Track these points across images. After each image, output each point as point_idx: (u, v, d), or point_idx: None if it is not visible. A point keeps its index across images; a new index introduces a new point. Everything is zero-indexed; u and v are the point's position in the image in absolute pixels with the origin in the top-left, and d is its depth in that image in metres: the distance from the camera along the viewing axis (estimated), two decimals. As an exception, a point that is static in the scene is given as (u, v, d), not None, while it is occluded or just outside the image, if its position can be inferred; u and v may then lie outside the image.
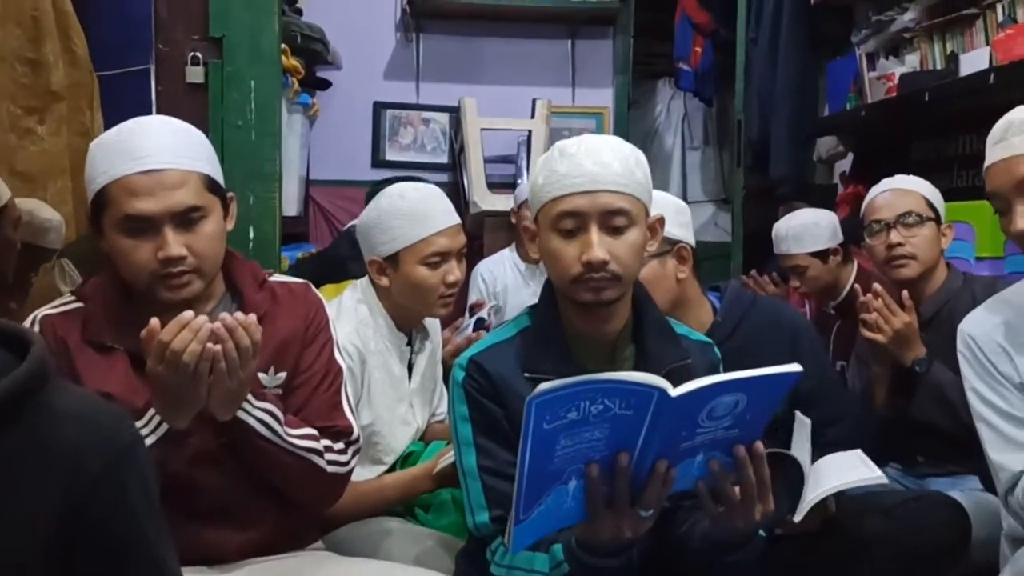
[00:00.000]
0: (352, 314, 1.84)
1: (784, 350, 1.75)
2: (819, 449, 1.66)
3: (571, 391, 1.03)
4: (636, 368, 1.39)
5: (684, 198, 5.27)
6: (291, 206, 3.58)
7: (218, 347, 1.25)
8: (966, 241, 2.78)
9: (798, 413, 1.38)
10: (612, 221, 1.31)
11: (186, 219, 1.35)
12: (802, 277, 2.74)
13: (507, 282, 3.61)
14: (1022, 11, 2.60)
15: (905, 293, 2.04)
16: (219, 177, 1.42)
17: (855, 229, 3.33)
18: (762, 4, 3.36)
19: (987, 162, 1.46)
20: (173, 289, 1.37)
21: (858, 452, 1.70)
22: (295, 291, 1.55)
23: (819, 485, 1.54)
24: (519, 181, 4.29)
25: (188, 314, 1.25)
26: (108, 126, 1.84)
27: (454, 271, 1.85)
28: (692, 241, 1.85)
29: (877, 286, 2.04)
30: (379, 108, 4.39)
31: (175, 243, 1.34)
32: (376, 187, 2.58)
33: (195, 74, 1.69)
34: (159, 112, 1.70)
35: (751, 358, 1.72)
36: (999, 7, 2.69)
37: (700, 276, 1.90)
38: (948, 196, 3.22)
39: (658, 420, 1.08)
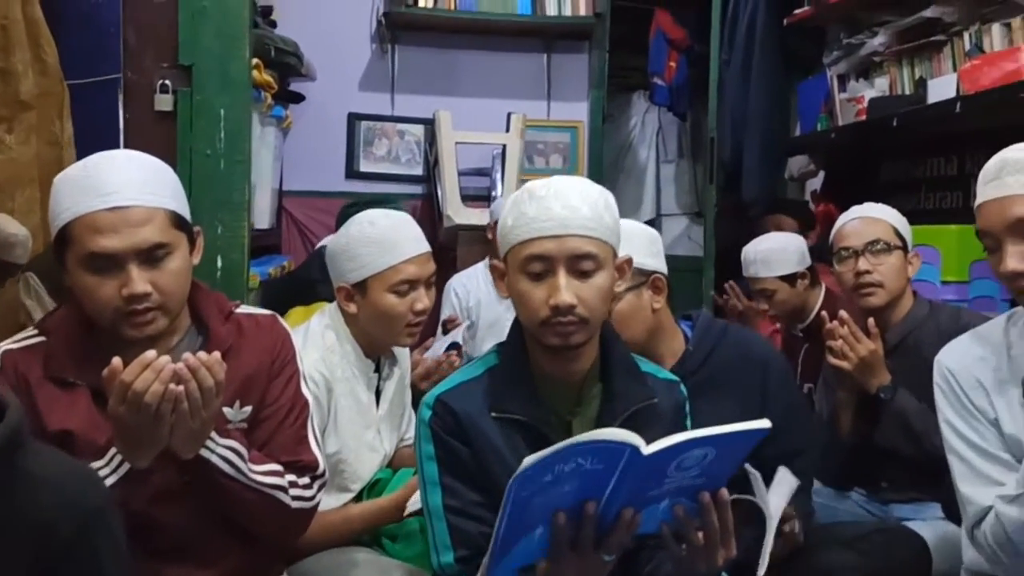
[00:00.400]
0: (319, 341, 1.84)
1: (754, 382, 1.78)
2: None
3: (548, 459, 1.04)
4: (602, 408, 1.40)
5: (658, 211, 5.32)
6: (263, 219, 3.55)
7: (181, 388, 1.24)
8: (932, 265, 2.81)
9: (783, 469, 1.39)
10: (580, 265, 1.32)
11: (151, 256, 1.34)
12: (770, 300, 2.76)
13: (480, 296, 3.60)
14: (988, 40, 2.64)
15: (871, 321, 2.06)
16: (186, 212, 1.41)
17: (827, 249, 3.38)
18: (735, 25, 3.39)
19: (979, 200, 1.46)
20: (137, 326, 1.36)
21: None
22: (262, 323, 1.54)
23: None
24: (494, 194, 4.30)
25: (150, 354, 1.24)
26: (78, 135, 1.83)
27: (422, 299, 1.85)
28: (664, 269, 1.86)
29: (843, 313, 2.06)
30: (354, 119, 4.37)
31: (140, 280, 1.33)
32: (347, 209, 2.58)
33: (164, 102, 1.67)
34: (126, 140, 1.69)
35: (721, 389, 1.75)
36: (966, 35, 2.73)
37: (672, 297, 1.90)
38: (915, 217, 3.27)
39: (627, 473, 1.09)
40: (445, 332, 3.51)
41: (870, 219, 2.21)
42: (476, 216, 4.01)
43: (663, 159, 5.36)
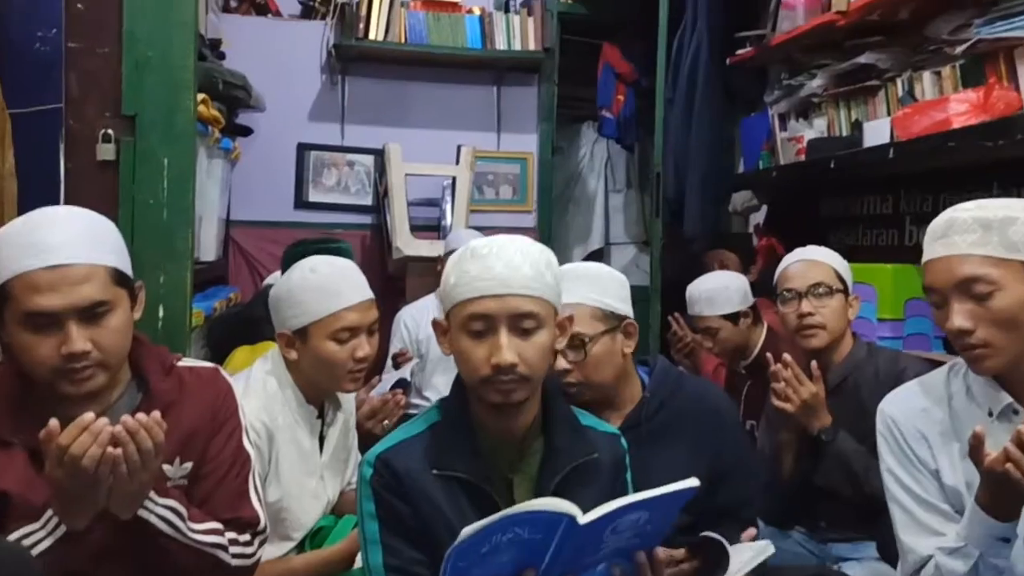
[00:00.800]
0: (261, 388, 1.83)
1: (707, 431, 1.82)
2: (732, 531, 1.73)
3: (486, 530, 1.06)
4: (544, 464, 1.42)
5: (606, 240, 5.38)
6: (209, 251, 3.53)
7: (119, 451, 1.23)
8: (868, 302, 2.89)
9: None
10: (521, 323, 1.35)
11: (91, 314, 1.33)
12: (714, 338, 2.81)
13: (430, 330, 3.60)
14: (919, 87, 2.73)
15: (814, 364, 2.12)
16: (127, 268, 1.41)
17: (769, 282, 3.45)
18: (679, 65, 3.46)
19: (926, 257, 1.49)
20: (76, 383, 1.35)
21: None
22: (204, 377, 1.54)
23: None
24: (443, 223, 4.32)
25: (88, 416, 1.24)
26: (19, 165, 1.81)
27: (364, 347, 1.85)
28: (631, 314, 1.88)
29: (787, 356, 2.10)
30: (303, 149, 4.37)
31: (79, 338, 1.32)
32: (292, 250, 2.56)
33: (106, 151, 1.66)
34: (68, 189, 1.68)
35: (675, 437, 1.79)
36: (899, 81, 2.82)
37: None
38: (853, 253, 3.35)
39: (565, 541, 1.11)
40: (396, 367, 3.52)
41: (813, 262, 2.27)
42: (425, 247, 4.03)
43: (611, 188, 5.42)
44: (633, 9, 4.27)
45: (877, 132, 2.80)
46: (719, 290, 2.79)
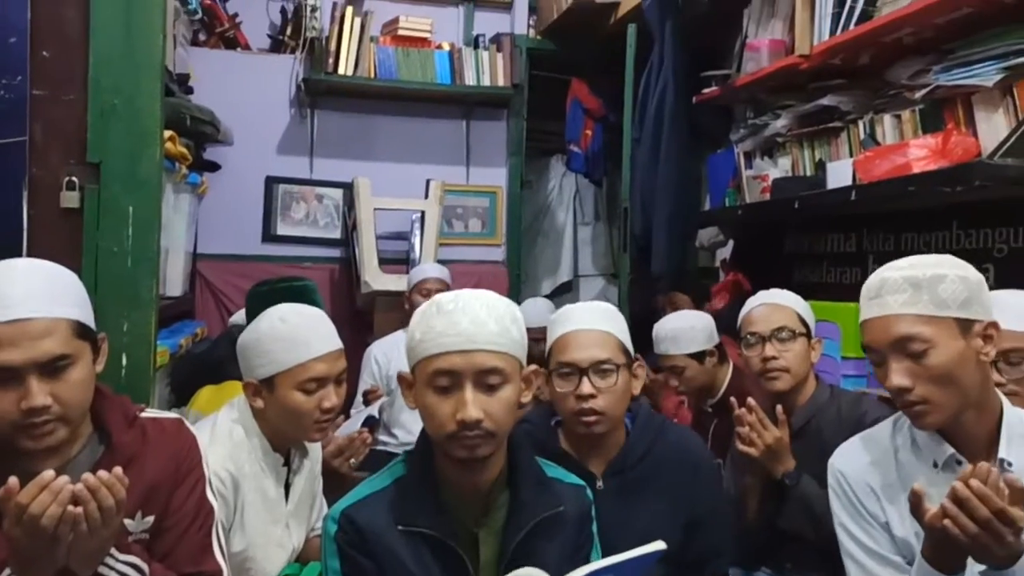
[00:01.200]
0: (227, 436, 1.81)
1: (686, 480, 1.84)
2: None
3: None
4: (509, 518, 1.42)
5: (575, 272, 5.41)
6: (175, 286, 3.50)
7: (79, 509, 1.21)
8: (832, 340, 2.92)
9: None
10: (487, 379, 1.35)
11: (52, 368, 1.32)
12: (680, 377, 2.82)
13: (401, 364, 3.59)
14: (881, 129, 2.78)
15: (779, 408, 2.13)
16: (90, 320, 1.40)
17: (735, 317, 3.48)
18: (646, 103, 3.50)
19: (863, 316, 1.53)
20: (36, 438, 1.33)
21: None
22: (167, 428, 1.53)
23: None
24: (412, 257, 4.33)
25: (48, 474, 1.22)
26: None
27: (331, 397, 1.84)
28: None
29: (751, 401, 2.12)
30: (271, 182, 4.36)
31: (39, 393, 1.30)
32: (257, 289, 2.54)
33: (70, 199, 1.65)
34: (31, 237, 1.66)
35: (655, 485, 1.80)
36: (861, 123, 2.87)
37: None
38: (817, 290, 3.41)
39: None
40: (366, 403, 3.51)
41: (776, 306, 2.30)
42: (394, 281, 4.03)
43: (580, 221, 5.46)
44: (601, 47, 4.32)
45: (840, 173, 2.85)
46: (684, 329, 2.81)
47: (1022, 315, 1.88)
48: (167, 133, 2.75)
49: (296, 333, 1.81)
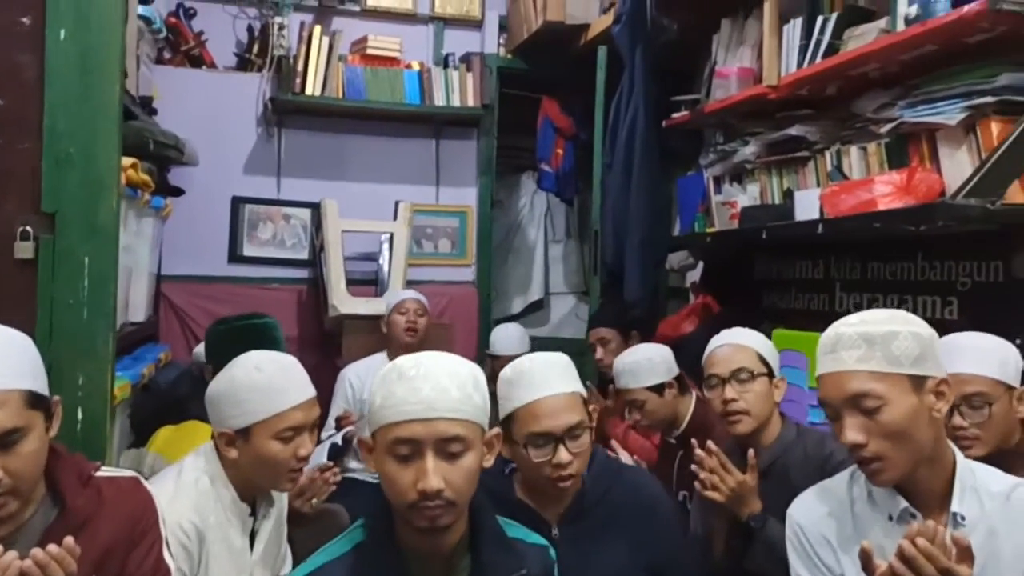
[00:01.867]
0: (192, 488, 1.77)
1: (644, 523, 1.85)
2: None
3: None
4: (472, 579, 1.40)
5: (546, 290, 5.40)
6: (139, 311, 3.44)
7: (28, 586, 1.18)
8: (800, 369, 2.94)
9: None
10: (448, 447, 1.33)
11: (3, 442, 1.28)
12: (641, 410, 2.82)
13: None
14: (847, 161, 2.79)
15: (751, 453, 2.13)
16: (43, 386, 1.36)
17: (704, 340, 3.48)
18: (617, 129, 3.50)
19: (819, 370, 1.53)
20: (-15, 511, 1.29)
21: None
22: (123, 488, 1.49)
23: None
24: (381, 277, 4.29)
25: (-6, 551, 1.19)
26: None
27: (306, 445, 1.81)
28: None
29: (711, 444, 2.12)
30: (238, 203, 4.31)
31: (-10, 469, 1.27)
32: (216, 328, 2.51)
33: (24, 249, 1.61)
34: (-18, 289, 1.62)
35: (613, 529, 1.80)
36: (828, 154, 2.88)
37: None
38: (787, 316, 3.43)
39: None
40: (339, 428, 3.48)
41: (736, 346, 2.29)
42: (362, 305, 4.00)
43: (551, 239, 5.46)
44: (572, 66, 4.32)
45: (807, 203, 2.86)
46: (642, 363, 2.81)
47: (982, 359, 1.89)
48: (129, 161, 2.70)
49: (273, 382, 1.77)
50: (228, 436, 1.78)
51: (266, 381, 1.77)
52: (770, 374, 2.27)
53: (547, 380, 1.74)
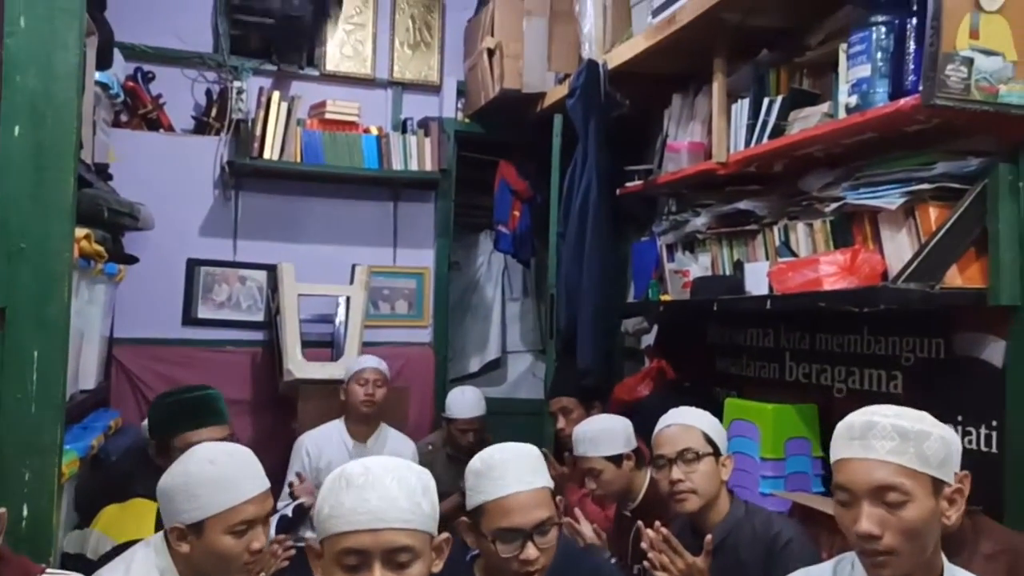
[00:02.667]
0: None
1: None
2: None
3: None
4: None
5: (503, 349, 5.41)
6: (89, 378, 3.39)
7: None
8: (752, 440, 2.98)
9: None
10: (396, 558, 1.33)
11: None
12: (597, 480, 2.84)
13: (332, 457, 3.59)
14: (794, 236, 2.86)
15: (708, 537, 2.15)
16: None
17: (659, 405, 3.52)
18: (571, 199, 3.55)
19: (842, 454, 1.52)
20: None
21: None
22: (69, 590, 1.47)
23: None
24: (337, 341, 4.28)
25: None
26: None
27: (259, 538, 1.79)
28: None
29: (659, 526, 2.14)
30: (193, 265, 4.28)
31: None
32: (162, 400, 2.50)
33: (-28, 344, 1.60)
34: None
35: None
36: (776, 228, 2.96)
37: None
38: (740, 382, 3.48)
39: None
40: (292, 496, 3.45)
41: (683, 427, 2.34)
42: (318, 369, 3.98)
43: (509, 297, 5.48)
44: (528, 131, 4.39)
45: (757, 277, 2.93)
46: (603, 432, 2.84)
47: None
48: (83, 232, 2.69)
49: (226, 473, 1.76)
50: (180, 531, 1.75)
51: (219, 473, 1.76)
52: (716, 453, 2.31)
53: (518, 475, 1.75)
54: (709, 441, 2.30)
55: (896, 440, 1.46)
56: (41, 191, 1.62)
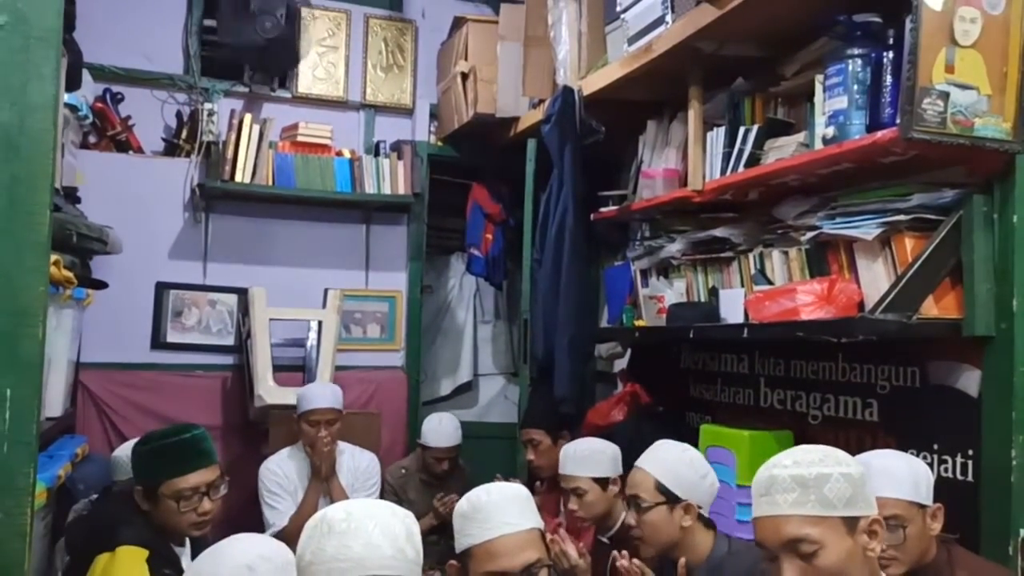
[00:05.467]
0: None
1: None
2: None
3: None
4: None
5: (475, 372, 5.39)
6: (55, 406, 3.32)
7: None
8: (728, 467, 2.98)
9: None
10: None
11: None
12: (580, 500, 2.84)
13: (293, 478, 3.60)
14: (770, 264, 2.88)
15: (682, 561, 2.14)
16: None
17: (634, 430, 3.52)
18: (547, 226, 3.55)
19: (755, 512, 1.56)
20: None
21: None
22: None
23: None
24: (309, 365, 4.23)
25: None
26: None
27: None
28: None
29: (633, 560, 2.14)
30: (162, 288, 4.22)
31: None
32: (140, 448, 2.41)
33: (-57, 382, 1.55)
34: None
35: None
36: (751, 256, 2.97)
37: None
38: (714, 408, 3.48)
39: None
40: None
41: (639, 470, 2.35)
42: (289, 395, 3.92)
43: (480, 320, 5.47)
44: (501, 155, 4.39)
45: (732, 304, 2.93)
46: (592, 452, 2.86)
47: (897, 482, 1.94)
48: (52, 258, 2.64)
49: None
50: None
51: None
52: (670, 501, 2.27)
53: (505, 517, 1.74)
54: (661, 490, 2.27)
55: (796, 491, 1.49)
56: (14, 226, 1.57)
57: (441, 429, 3.83)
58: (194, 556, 2.33)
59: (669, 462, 2.32)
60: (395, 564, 1.32)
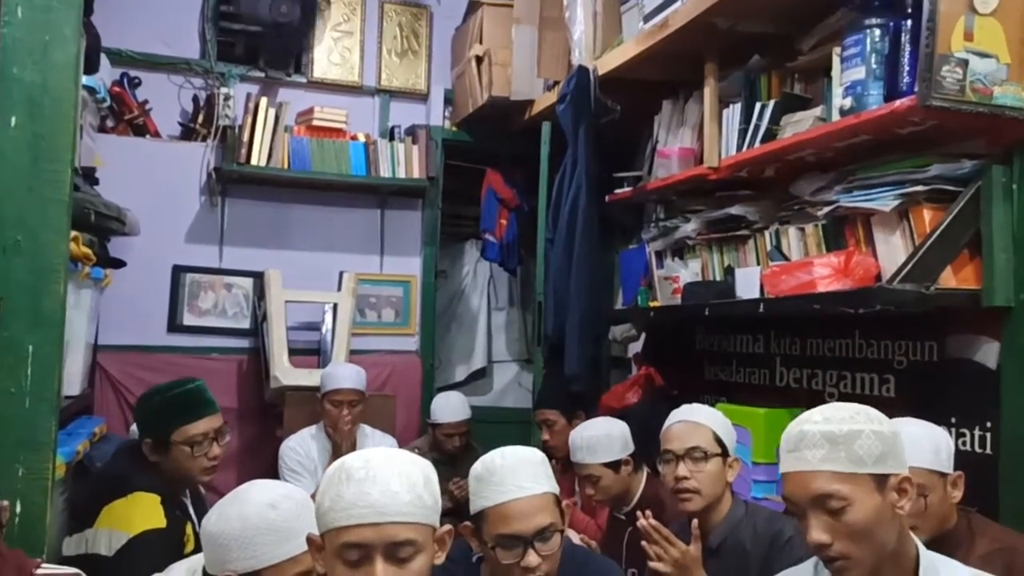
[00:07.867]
0: None
1: None
2: None
3: None
4: None
5: (489, 359, 5.39)
6: (74, 384, 3.34)
7: None
8: (744, 445, 2.97)
9: None
10: (398, 552, 1.32)
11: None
12: (596, 486, 2.83)
13: (314, 456, 3.64)
14: (786, 241, 2.87)
15: (695, 523, 2.15)
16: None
17: (648, 413, 3.51)
18: (560, 206, 3.55)
19: (783, 468, 1.55)
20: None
21: None
22: (65, 587, 1.44)
23: None
24: (324, 348, 4.25)
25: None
26: None
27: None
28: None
29: (650, 518, 2.14)
30: (178, 271, 4.25)
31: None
32: (147, 400, 2.48)
33: (-34, 337, 1.57)
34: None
35: None
36: (767, 233, 2.97)
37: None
38: (729, 388, 3.47)
39: None
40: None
41: (693, 424, 2.31)
42: (305, 376, 3.95)
43: (494, 307, 5.47)
44: (516, 139, 4.40)
45: (748, 281, 2.93)
46: (601, 438, 2.83)
47: (916, 450, 1.92)
48: (71, 233, 2.66)
49: (289, 524, 1.57)
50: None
51: (282, 522, 1.57)
52: (724, 454, 2.30)
53: (518, 481, 1.73)
54: (718, 441, 2.29)
55: (826, 447, 1.47)
56: (37, 183, 1.60)
57: (448, 404, 3.87)
58: (195, 511, 2.37)
59: (718, 418, 2.34)
60: (414, 510, 1.33)
